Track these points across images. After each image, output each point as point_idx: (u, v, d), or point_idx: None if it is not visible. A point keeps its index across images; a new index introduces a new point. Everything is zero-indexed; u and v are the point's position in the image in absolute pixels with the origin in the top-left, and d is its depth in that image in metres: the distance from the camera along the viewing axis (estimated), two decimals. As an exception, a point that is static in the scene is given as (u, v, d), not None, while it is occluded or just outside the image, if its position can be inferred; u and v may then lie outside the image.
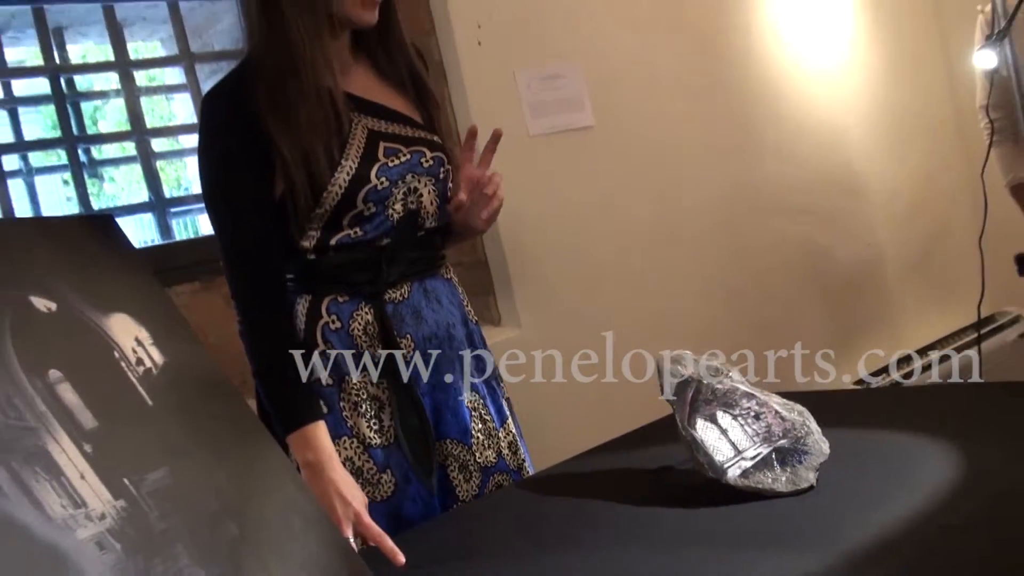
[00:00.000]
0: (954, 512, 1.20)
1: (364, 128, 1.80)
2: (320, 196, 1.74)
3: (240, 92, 1.75)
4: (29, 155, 2.62)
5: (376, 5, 1.78)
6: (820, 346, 3.83)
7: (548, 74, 3.15)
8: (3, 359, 0.94)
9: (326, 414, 1.75)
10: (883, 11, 4.47)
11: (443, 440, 1.85)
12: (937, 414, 1.70)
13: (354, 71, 1.87)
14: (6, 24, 2.66)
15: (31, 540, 0.85)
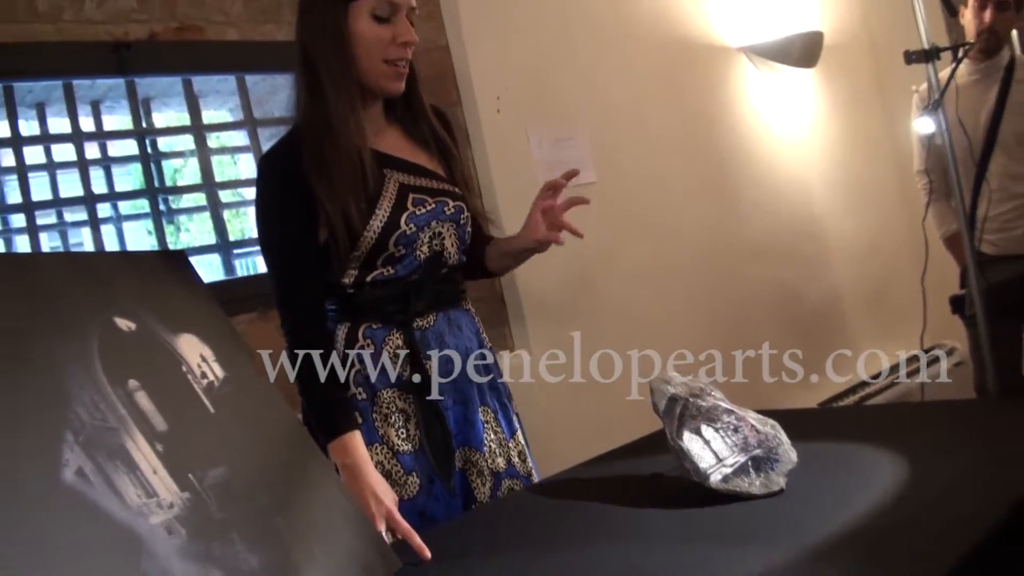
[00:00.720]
0: (901, 511, 1.20)
1: (395, 182, 1.81)
2: (357, 241, 1.75)
3: (289, 154, 1.78)
4: (119, 204, 2.64)
5: (402, 77, 1.79)
6: (788, 371, 3.83)
7: (558, 137, 3.16)
8: (91, 369, 0.95)
9: (360, 424, 1.75)
10: (837, 91, 4.52)
11: (462, 448, 1.85)
12: (888, 428, 1.70)
13: (387, 134, 1.88)
14: (104, 95, 2.69)
15: (112, 523, 0.85)
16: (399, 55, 1.76)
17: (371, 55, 1.75)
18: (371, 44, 1.74)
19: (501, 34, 3.07)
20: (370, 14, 1.73)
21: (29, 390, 0.87)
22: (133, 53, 2.53)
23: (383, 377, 1.81)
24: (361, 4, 1.73)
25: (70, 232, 2.62)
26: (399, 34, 1.74)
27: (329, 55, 1.74)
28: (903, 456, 1.44)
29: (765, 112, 4.07)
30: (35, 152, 2.53)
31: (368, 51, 1.74)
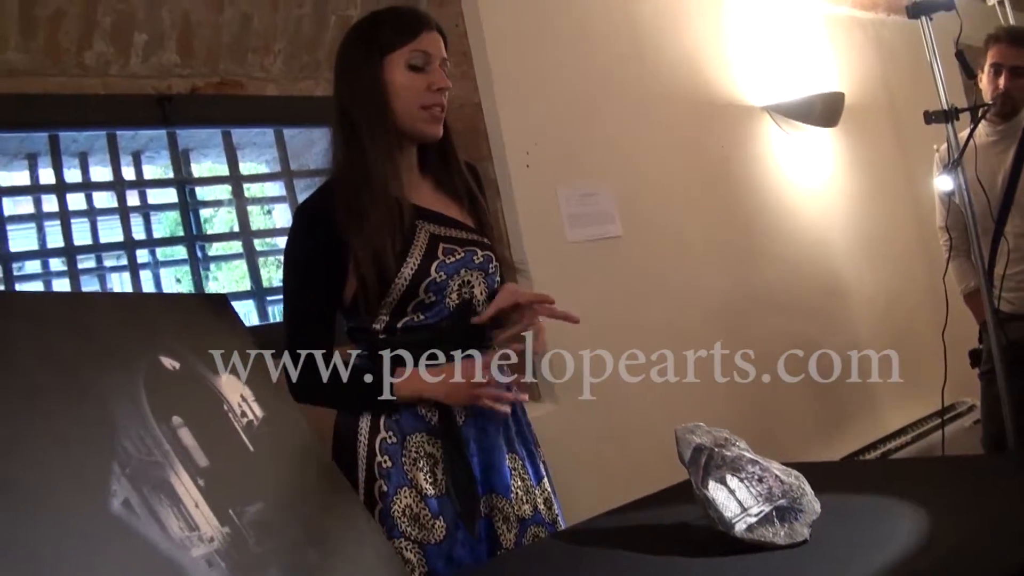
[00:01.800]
0: (922, 563, 1.19)
1: (427, 232, 1.83)
2: (388, 287, 1.76)
3: (322, 206, 1.81)
4: (157, 250, 2.69)
5: (439, 121, 1.84)
6: (810, 424, 3.80)
7: (584, 192, 3.19)
8: (138, 405, 0.97)
9: (391, 467, 1.76)
10: (858, 149, 4.53)
11: (488, 494, 1.84)
12: (910, 482, 1.68)
13: (420, 185, 1.91)
14: (145, 146, 2.75)
15: (156, 554, 0.86)
16: (435, 101, 1.81)
17: (408, 102, 1.80)
18: (408, 92, 1.79)
19: (531, 92, 3.11)
20: (405, 64, 1.79)
21: (80, 422, 0.89)
22: (175, 106, 2.59)
23: (413, 422, 1.81)
24: (396, 56, 1.79)
25: (108, 276, 2.65)
26: (433, 81, 1.80)
27: (367, 106, 1.79)
28: (924, 509, 1.42)
29: (787, 170, 4.09)
30: (77, 199, 2.58)
31: (405, 99, 1.79)
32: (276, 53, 2.77)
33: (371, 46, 1.81)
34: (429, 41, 1.82)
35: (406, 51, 1.79)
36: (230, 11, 2.62)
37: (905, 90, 4.70)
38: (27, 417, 0.87)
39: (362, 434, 1.80)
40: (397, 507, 1.74)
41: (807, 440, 3.71)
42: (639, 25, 3.60)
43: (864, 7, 4.84)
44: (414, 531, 1.74)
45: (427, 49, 1.80)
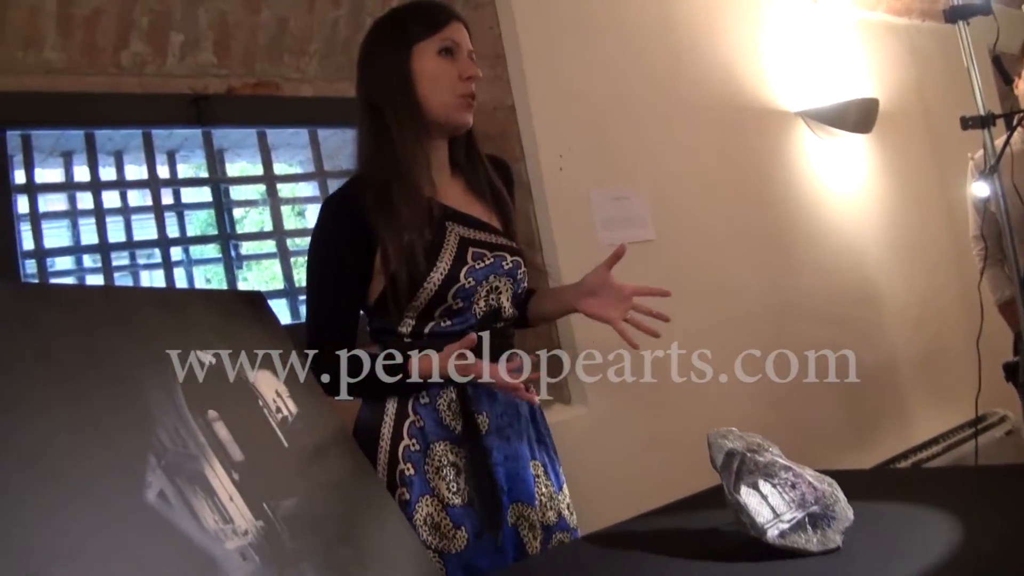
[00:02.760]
0: (956, 570, 1.18)
1: (456, 235, 1.81)
2: (417, 291, 1.74)
3: (351, 199, 1.78)
4: (190, 249, 2.71)
5: (472, 109, 1.82)
6: (842, 434, 3.77)
7: (617, 195, 3.18)
8: (175, 400, 0.97)
9: (413, 475, 1.74)
10: (892, 156, 4.50)
11: (515, 503, 1.82)
12: (943, 490, 1.66)
13: (452, 185, 1.89)
14: (180, 145, 2.77)
15: (190, 545, 0.86)
16: (466, 89, 1.80)
17: (440, 90, 1.79)
18: (440, 79, 1.78)
19: (565, 96, 3.11)
20: (435, 52, 1.79)
21: (117, 414, 0.90)
22: (211, 105, 2.61)
23: (436, 430, 1.79)
24: (425, 44, 1.79)
25: (142, 274, 2.68)
26: (463, 70, 1.79)
27: (395, 97, 1.78)
28: (958, 518, 1.41)
29: (821, 176, 4.07)
30: (111, 196, 2.61)
31: (437, 87, 1.78)
32: (312, 54, 2.78)
33: (399, 37, 1.81)
34: (456, 31, 1.82)
35: (435, 40, 1.79)
36: (267, 12, 2.63)
37: (939, 96, 4.66)
38: (66, 408, 0.87)
39: (384, 440, 1.76)
40: (419, 515, 1.71)
41: (838, 448, 3.68)
42: (674, 30, 3.59)
43: (898, 12, 4.80)
44: (434, 540, 1.71)
45: (455, 38, 1.80)
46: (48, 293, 1.00)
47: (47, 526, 0.77)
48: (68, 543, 0.77)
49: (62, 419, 0.85)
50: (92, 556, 0.78)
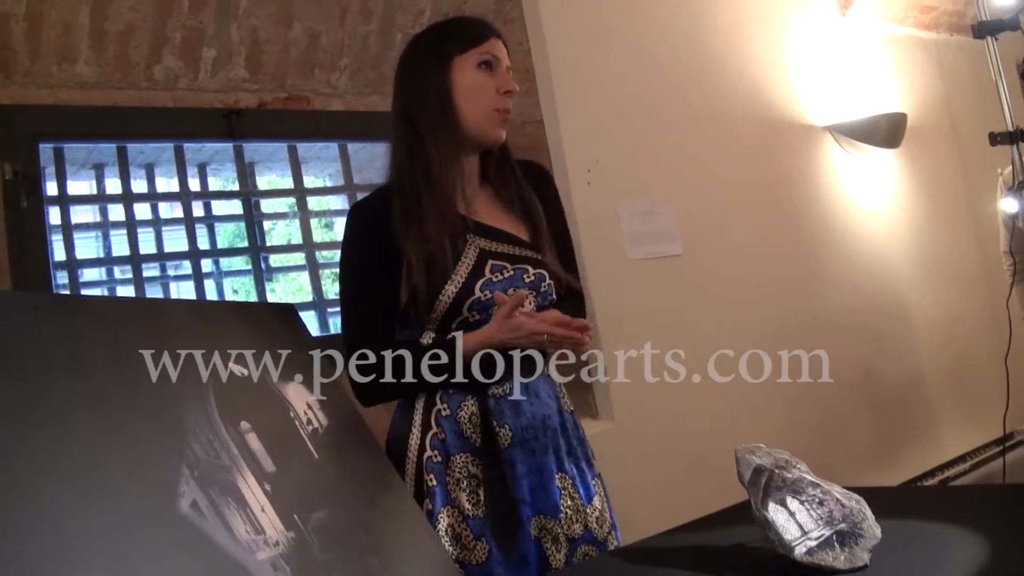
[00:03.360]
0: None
1: (476, 247, 1.80)
2: (434, 303, 1.75)
3: (379, 207, 1.80)
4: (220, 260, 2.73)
5: (505, 123, 1.84)
6: (870, 451, 3.74)
7: (646, 210, 3.17)
8: (207, 411, 0.98)
9: (435, 485, 1.73)
10: (920, 171, 4.47)
11: (538, 515, 1.80)
12: (971, 509, 1.64)
13: (479, 197, 1.88)
14: (211, 158, 2.80)
15: (222, 555, 0.87)
16: (504, 104, 1.82)
17: (478, 102, 1.80)
18: (479, 92, 1.80)
19: (593, 110, 3.12)
20: (474, 65, 1.80)
21: (151, 424, 0.91)
22: (242, 119, 2.64)
23: (458, 442, 1.78)
24: (465, 57, 1.80)
25: (172, 285, 2.70)
26: (501, 83, 1.81)
27: (433, 110, 1.80)
28: (986, 537, 1.39)
29: (849, 191, 4.05)
30: (142, 208, 2.63)
31: (474, 99, 1.80)
32: (342, 69, 2.81)
33: (439, 51, 1.82)
34: (496, 47, 1.83)
35: (475, 53, 1.80)
36: (298, 28, 2.66)
37: (968, 111, 4.64)
38: (101, 419, 0.88)
39: (411, 451, 1.76)
40: (441, 526, 1.71)
41: (866, 465, 3.65)
42: (702, 44, 3.59)
43: (927, 27, 4.78)
44: (456, 551, 1.70)
45: (495, 53, 1.82)
46: (82, 303, 1.02)
47: (82, 534, 0.78)
48: (102, 551, 0.78)
49: (97, 429, 0.86)
50: (125, 564, 0.78)
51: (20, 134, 2.32)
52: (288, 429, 1.12)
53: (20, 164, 2.29)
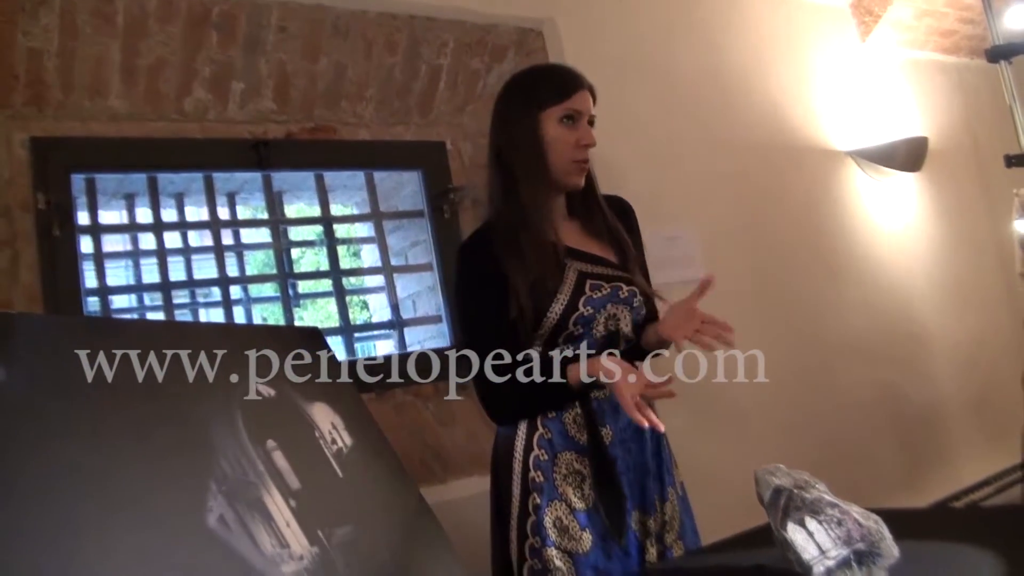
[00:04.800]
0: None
1: (575, 270, 1.96)
2: (542, 320, 1.91)
3: (483, 243, 1.96)
4: (249, 287, 2.77)
5: (584, 173, 1.99)
6: (892, 474, 3.72)
7: (669, 234, 3.19)
8: (235, 429, 1.01)
9: (543, 481, 1.89)
10: (941, 195, 4.46)
11: (636, 510, 1.94)
12: (989, 531, 1.64)
13: (567, 227, 2.05)
14: (240, 187, 2.84)
15: (248, 567, 0.89)
16: (582, 156, 1.96)
17: (561, 155, 1.95)
18: (560, 146, 1.95)
19: (616, 136, 3.13)
20: (558, 119, 1.95)
21: (181, 441, 0.93)
22: (271, 150, 2.68)
23: (563, 441, 1.92)
24: (551, 112, 1.95)
25: (201, 311, 2.74)
26: (581, 137, 1.95)
27: (524, 156, 1.95)
28: (1003, 558, 1.39)
29: (871, 215, 4.05)
30: (172, 237, 2.68)
31: (558, 152, 1.95)
32: (368, 100, 2.85)
33: (530, 100, 1.97)
34: (581, 100, 1.97)
35: (560, 108, 1.95)
36: (324, 61, 2.70)
37: (989, 135, 4.63)
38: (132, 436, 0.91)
39: (518, 451, 1.92)
40: (549, 518, 1.86)
41: (888, 488, 3.63)
42: (724, 70, 3.62)
43: (946, 51, 4.78)
44: (564, 541, 1.85)
45: (579, 108, 1.96)
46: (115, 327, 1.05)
47: (112, 546, 0.81)
48: (132, 563, 0.80)
49: (128, 446, 0.89)
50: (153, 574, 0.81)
51: (53, 165, 2.37)
52: (313, 448, 1.15)
53: (53, 195, 2.33)
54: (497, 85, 3.03)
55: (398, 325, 2.95)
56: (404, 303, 3.07)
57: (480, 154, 3.02)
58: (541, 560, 1.84)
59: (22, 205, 2.31)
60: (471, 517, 2.09)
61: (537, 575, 1.84)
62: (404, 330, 2.97)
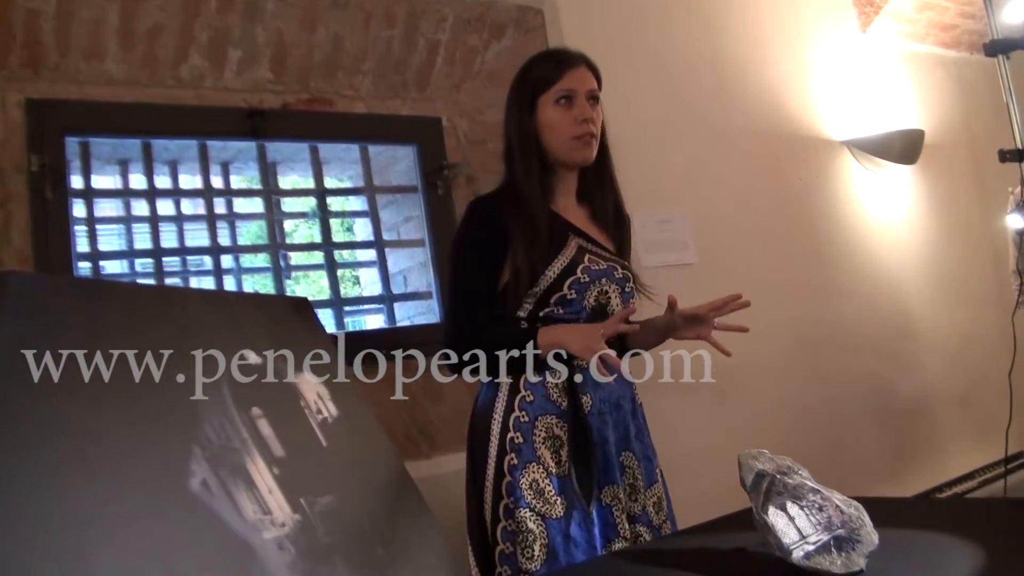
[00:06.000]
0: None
1: (576, 243, 2.03)
2: (538, 278, 1.96)
3: (493, 204, 2.02)
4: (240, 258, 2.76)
5: (589, 146, 2.05)
6: (877, 465, 3.73)
7: (660, 218, 3.19)
8: (222, 396, 1.01)
9: (521, 442, 1.93)
10: (937, 188, 4.47)
11: (609, 485, 1.97)
12: (970, 520, 1.66)
13: (577, 211, 2.11)
14: (234, 157, 2.83)
15: (230, 532, 0.90)
16: (583, 130, 2.02)
17: (560, 135, 2.02)
18: (556, 126, 2.02)
19: (613, 118, 3.12)
20: (553, 102, 2.02)
21: (167, 405, 0.93)
22: (266, 119, 2.67)
23: (545, 404, 1.97)
24: (546, 96, 2.03)
25: (192, 280, 2.73)
26: (578, 113, 2.01)
27: (519, 143, 2.04)
28: (982, 548, 1.40)
29: (865, 206, 4.05)
30: (165, 204, 2.67)
31: (554, 133, 2.02)
32: (365, 72, 2.83)
33: (525, 90, 2.05)
34: (572, 79, 2.03)
35: (554, 91, 2.02)
36: (322, 31, 2.69)
37: (986, 130, 4.63)
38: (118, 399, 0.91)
39: (497, 412, 1.97)
40: (525, 480, 1.90)
41: (871, 479, 3.65)
42: (722, 58, 3.61)
43: (946, 45, 4.78)
44: (538, 504, 1.89)
45: (572, 86, 2.02)
46: (104, 289, 1.05)
47: (95, 507, 0.81)
48: (114, 523, 0.81)
49: (113, 408, 0.90)
50: (138, 537, 0.81)
51: (48, 128, 2.36)
52: (298, 417, 1.15)
53: (47, 157, 2.32)
54: (495, 62, 3.03)
55: (388, 300, 2.95)
56: (395, 278, 3.07)
57: (476, 131, 3.02)
58: (514, 520, 1.87)
59: (15, 167, 2.30)
60: (455, 492, 2.10)
61: (510, 536, 1.87)
62: (394, 305, 2.97)
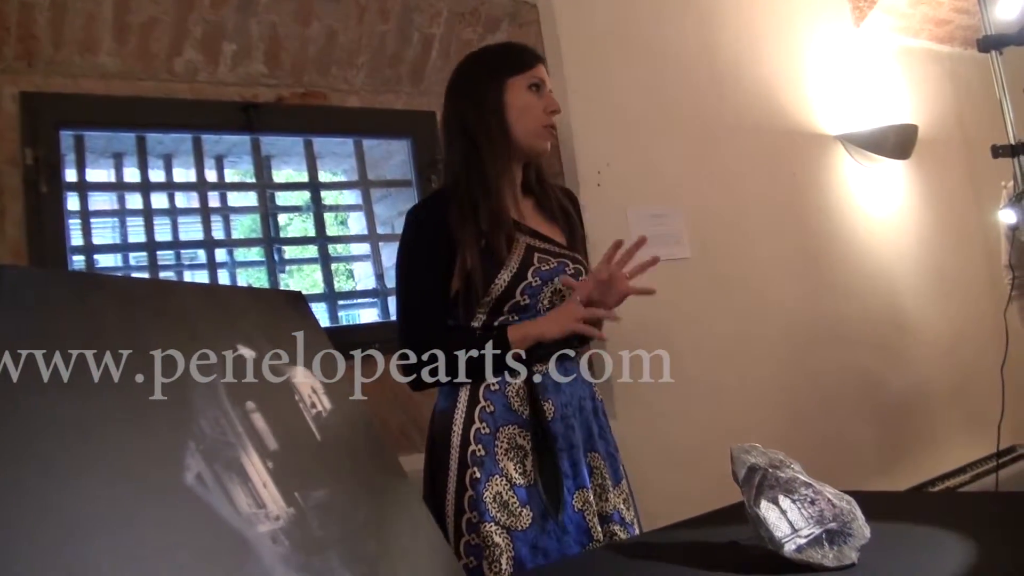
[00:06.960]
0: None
1: (524, 244, 1.99)
2: (489, 288, 1.91)
3: (435, 209, 1.98)
4: (234, 252, 2.76)
5: (553, 136, 2.05)
6: (869, 458, 3.75)
7: (654, 213, 3.21)
8: (216, 390, 1.01)
9: (484, 455, 1.88)
10: (930, 183, 4.50)
11: (579, 489, 1.93)
12: (962, 514, 1.66)
13: (523, 204, 2.07)
14: (228, 150, 2.83)
15: (224, 526, 0.90)
16: (549, 121, 2.03)
17: (527, 120, 2.00)
18: (528, 110, 2.01)
19: (606, 114, 3.15)
20: (525, 87, 2.01)
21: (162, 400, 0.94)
22: (260, 113, 2.67)
23: (505, 414, 1.93)
24: (517, 79, 2.01)
25: (186, 273, 2.74)
26: (548, 104, 2.03)
27: (489, 124, 1.99)
28: (974, 541, 1.40)
29: (858, 200, 4.07)
30: (159, 198, 2.67)
31: (524, 117, 2.00)
32: (359, 66, 2.84)
33: (494, 71, 2.03)
34: (542, 71, 2.05)
35: (526, 76, 2.02)
36: (316, 25, 2.69)
37: (979, 125, 4.65)
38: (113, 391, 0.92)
39: (456, 423, 1.93)
40: (488, 493, 1.86)
41: (863, 472, 3.67)
42: (716, 52, 3.62)
43: (941, 40, 4.79)
44: (503, 517, 1.85)
45: (542, 77, 2.04)
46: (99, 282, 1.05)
47: (91, 499, 0.81)
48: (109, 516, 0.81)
49: (108, 400, 0.90)
50: (132, 529, 0.82)
51: (42, 121, 2.36)
52: (292, 411, 1.15)
53: (41, 150, 2.32)
54: (490, 56, 3.03)
55: (382, 294, 2.95)
56: (389, 272, 3.07)
57: (472, 126, 3.02)
58: (479, 535, 1.84)
59: (9, 160, 2.30)
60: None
61: (474, 550, 1.84)
62: (388, 299, 2.97)
